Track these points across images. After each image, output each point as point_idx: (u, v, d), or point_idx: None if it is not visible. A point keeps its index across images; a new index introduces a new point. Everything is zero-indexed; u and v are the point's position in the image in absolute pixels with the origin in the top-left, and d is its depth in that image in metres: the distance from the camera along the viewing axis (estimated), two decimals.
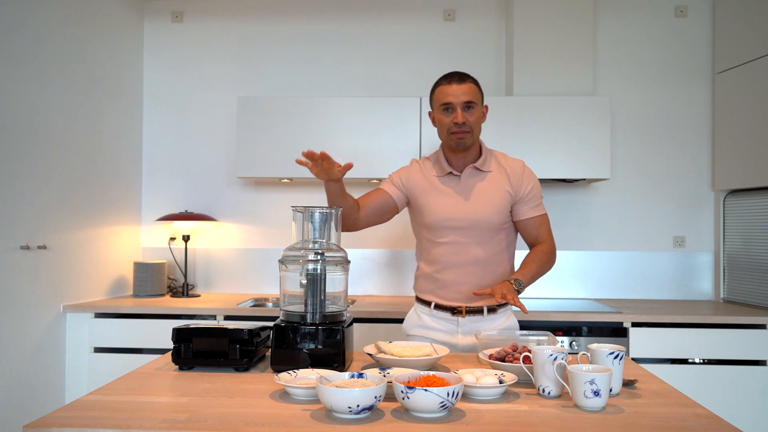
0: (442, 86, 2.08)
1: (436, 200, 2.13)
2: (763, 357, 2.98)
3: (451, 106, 2.06)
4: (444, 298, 2.14)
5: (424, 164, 2.21)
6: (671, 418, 1.37)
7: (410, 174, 2.20)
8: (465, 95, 2.05)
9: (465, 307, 2.12)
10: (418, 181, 2.17)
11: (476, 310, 2.13)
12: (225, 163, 3.84)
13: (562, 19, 3.45)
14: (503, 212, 2.12)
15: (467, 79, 2.08)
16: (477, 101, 2.08)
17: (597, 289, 3.70)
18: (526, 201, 2.13)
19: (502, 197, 2.11)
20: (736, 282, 3.50)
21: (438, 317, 2.16)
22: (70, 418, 1.33)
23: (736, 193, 3.52)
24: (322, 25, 3.83)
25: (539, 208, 2.16)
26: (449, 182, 2.15)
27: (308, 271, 1.79)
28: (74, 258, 3.18)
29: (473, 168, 2.14)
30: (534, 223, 2.15)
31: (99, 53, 3.39)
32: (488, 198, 2.10)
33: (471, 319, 2.13)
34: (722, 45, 3.55)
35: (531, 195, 2.14)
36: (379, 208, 2.16)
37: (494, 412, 1.41)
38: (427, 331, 2.17)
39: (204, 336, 1.79)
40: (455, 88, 2.05)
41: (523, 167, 2.17)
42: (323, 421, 1.33)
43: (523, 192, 2.13)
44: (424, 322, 2.18)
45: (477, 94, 2.09)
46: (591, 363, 1.58)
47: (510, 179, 2.13)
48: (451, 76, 2.09)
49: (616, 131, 3.69)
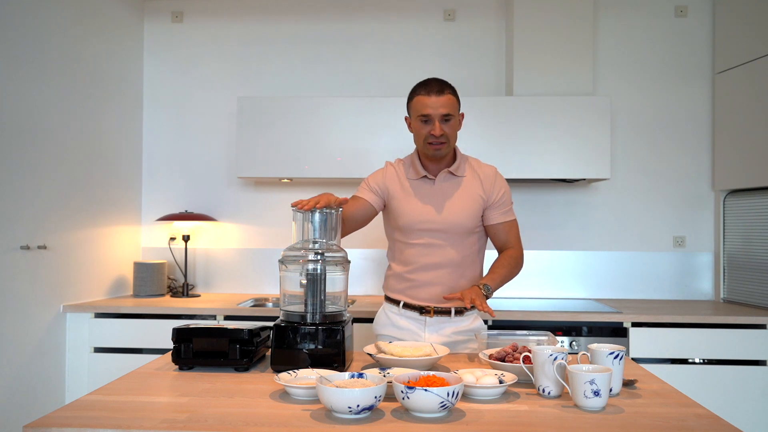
0: (421, 96, 2.07)
1: (410, 203, 2.14)
2: (763, 357, 2.98)
3: (429, 118, 2.05)
4: (414, 298, 2.16)
5: (399, 167, 2.22)
6: (671, 418, 1.37)
7: (386, 177, 2.21)
8: (443, 107, 2.04)
9: (433, 308, 2.14)
10: (393, 185, 2.18)
11: (444, 311, 2.15)
12: (225, 163, 3.84)
13: (562, 19, 3.45)
14: (475, 216, 2.14)
15: (445, 90, 2.06)
16: (454, 113, 2.07)
17: (597, 289, 3.70)
18: (497, 206, 2.16)
19: (475, 202, 2.13)
20: (736, 282, 3.50)
21: (406, 316, 2.18)
22: (70, 418, 1.33)
23: (736, 193, 3.52)
24: (322, 25, 3.83)
25: (509, 213, 2.19)
26: (423, 186, 2.16)
27: (308, 271, 1.79)
28: (74, 258, 3.18)
29: (447, 172, 2.15)
30: (503, 228, 2.18)
31: (99, 53, 3.39)
32: (461, 202, 2.12)
33: (438, 320, 2.15)
34: (722, 45, 3.55)
35: (502, 201, 2.16)
36: (360, 217, 2.18)
37: (494, 412, 1.41)
38: (395, 330, 2.18)
39: (204, 336, 1.80)
40: (434, 101, 2.04)
41: (496, 173, 2.20)
42: (323, 421, 1.33)
43: (495, 197, 2.15)
44: (393, 321, 2.20)
45: (455, 105, 2.08)
46: (591, 363, 1.58)
47: (483, 184, 2.15)
48: (429, 86, 2.06)
49: (616, 131, 3.69)
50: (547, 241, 3.71)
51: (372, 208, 2.19)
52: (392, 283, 2.23)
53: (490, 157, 3.32)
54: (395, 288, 2.22)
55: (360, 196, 2.20)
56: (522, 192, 3.71)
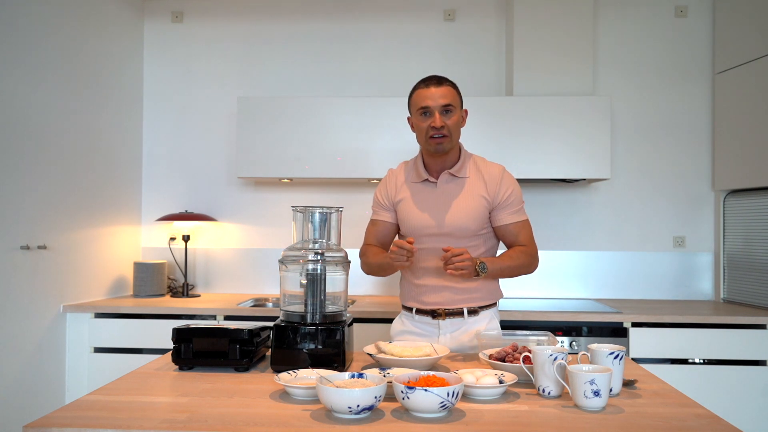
0: (420, 90, 2.07)
1: (412, 209, 2.13)
2: (763, 357, 2.98)
3: (429, 110, 2.04)
4: (424, 303, 2.15)
5: (400, 172, 2.22)
6: (671, 418, 1.37)
7: (388, 187, 2.21)
8: (443, 98, 2.03)
9: (444, 310, 2.12)
10: (397, 193, 2.18)
11: (456, 312, 2.12)
12: (225, 163, 3.84)
13: (562, 19, 3.45)
14: (480, 218, 2.11)
15: (445, 82, 2.06)
16: (455, 105, 2.06)
17: (597, 289, 3.70)
18: (504, 207, 2.13)
19: (478, 203, 2.10)
20: (736, 282, 3.50)
21: (419, 321, 2.17)
22: (71, 418, 1.33)
23: (736, 193, 3.52)
24: (322, 25, 3.83)
25: (519, 214, 2.15)
26: (425, 189, 2.15)
27: (308, 271, 1.79)
28: (74, 258, 3.18)
29: (449, 174, 2.13)
30: (513, 229, 2.14)
31: (99, 53, 3.39)
32: (464, 205, 2.10)
33: (451, 322, 2.13)
34: (722, 45, 3.55)
35: (510, 201, 2.13)
36: (388, 238, 2.22)
37: (494, 412, 1.41)
38: (410, 336, 2.17)
39: (204, 336, 1.79)
40: (433, 91, 2.03)
41: (502, 173, 2.16)
42: (323, 421, 1.33)
43: (501, 198, 2.12)
44: (408, 328, 2.20)
45: (455, 97, 2.07)
46: (591, 363, 1.58)
47: (487, 185, 2.12)
48: (428, 79, 2.07)
49: (616, 131, 3.69)
50: (548, 241, 3.71)
51: (393, 225, 2.21)
52: (405, 290, 2.23)
53: (490, 157, 3.31)
54: (408, 295, 2.21)
55: (378, 219, 2.21)
56: (522, 192, 3.70)
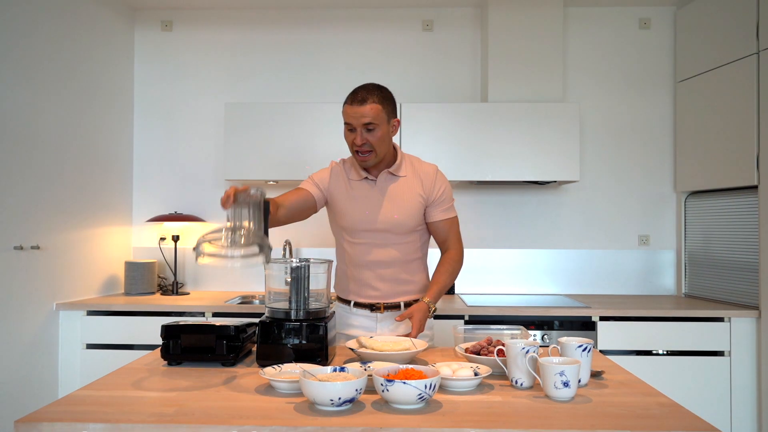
0: (345, 105, 2.01)
1: (353, 204, 2.11)
2: (721, 348, 3.02)
3: (352, 127, 2.01)
4: (363, 296, 2.14)
5: (343, 167, 2.18)
6: (636, 407, 1.38)
7: (330, 177, 2.16)
8: (364, 118, 1.97)
9: (383, 304, 2.12)
10: (336, 185, 2.15)
11: (394, 306, 2.13)
12: (213, 166, 3.81)
13: (534, 31, 3.47)
14: (417, 215, 2.11)
15: (368, 100, 1.97)
16: (378, 122, 1.99)
17: (567, 285, 3.72)
18: (437, 204, 2.14)
19: (415, 201, 2.11)
20: (697, 278, 3.54)
21: (357, 314, 2.16)
22: (61, 413, 1.31)
23: (697, 194, 3.56)
24: (307, 34, 3.81)
25: (449, 211, 2.17)
26: (365, 186, 2.12)
27: (293, 270, 1.78)
28: (67, 258, 3.13)
29: (388, 173, 2.12)
30: (444, 225, 2.16)
31: (92, 60, 3.34)
32: (402, 202, 2.09)
33: (389, 315, 2.14)
34: (683, 55, 3.60)
35: (442, 198, 2.14)
36: (299, 205, 2.09)
37: (469, 403, 1.41)
38: (348, 328, 2.16)
39: (192, 332, 1.77)
40: (355, 110, 1.97)
41: (436, 172, 2.16)
42: (307, 414, 1.32)
43: (435, 195, 2.13)
44: (345, 320, 2.18)
45: (379, 114, 1.98)
46: (561, 355, 1.58)
47: (423, 183, 2.12)
48: (354, 95, 1.99)
49: (584, 136, 3.72)
50: (520, 240, 3.73)
51: (312, 200, 2.12)
52: (342, 282, 2.21)
53: (466, 161, 3.35)
54: (346, 289, 2.19)
55: (303, 187, 2.15)
56: (496, 193, 3.73)
